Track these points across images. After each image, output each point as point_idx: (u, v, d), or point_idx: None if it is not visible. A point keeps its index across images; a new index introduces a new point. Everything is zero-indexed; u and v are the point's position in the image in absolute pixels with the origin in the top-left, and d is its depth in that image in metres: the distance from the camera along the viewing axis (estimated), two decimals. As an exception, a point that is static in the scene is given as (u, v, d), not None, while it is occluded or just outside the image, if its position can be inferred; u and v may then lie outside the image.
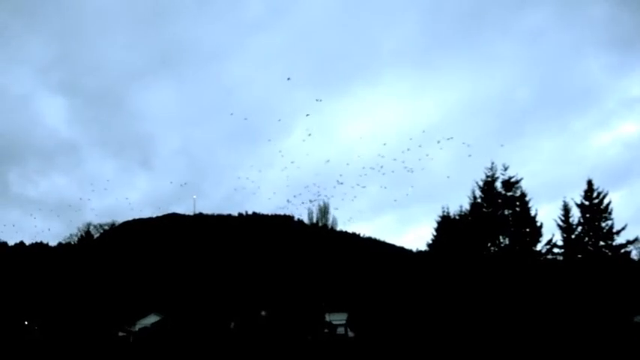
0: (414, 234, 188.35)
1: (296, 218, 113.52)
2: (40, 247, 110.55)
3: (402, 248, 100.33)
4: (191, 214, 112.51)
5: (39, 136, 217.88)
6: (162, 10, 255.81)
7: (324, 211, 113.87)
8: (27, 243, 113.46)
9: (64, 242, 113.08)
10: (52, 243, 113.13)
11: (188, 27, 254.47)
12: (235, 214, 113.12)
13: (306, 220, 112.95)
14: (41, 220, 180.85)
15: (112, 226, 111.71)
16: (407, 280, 52.57)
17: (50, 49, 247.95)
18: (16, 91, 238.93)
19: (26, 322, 71.77)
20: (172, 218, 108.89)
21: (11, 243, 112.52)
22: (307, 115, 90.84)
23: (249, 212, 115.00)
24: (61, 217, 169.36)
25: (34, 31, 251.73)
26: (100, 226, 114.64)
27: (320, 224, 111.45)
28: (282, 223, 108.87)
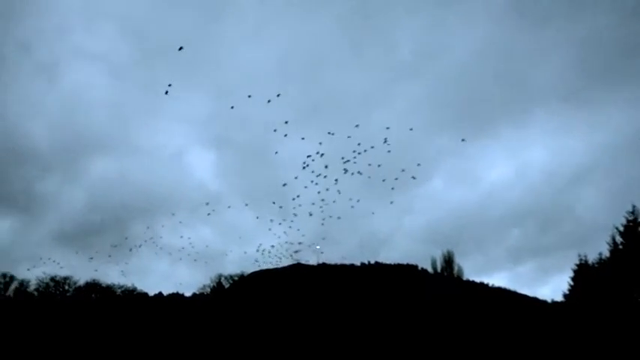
0: (554, 283, 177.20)
1: (420, 267, 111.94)
2: (176, 298, 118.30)
3: (535, 299, 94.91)
4: (315, 263, 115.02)
5: (189, 188, 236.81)
6: (316, 61, 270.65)
7: (448, 259, 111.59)
8: (165, 293, 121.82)
9: (197, 292, 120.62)
10: (188, 293, 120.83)
11: (339, 76, 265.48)
12: (358, 263, 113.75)
13: (430, 269, 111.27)
14: (185, 269, 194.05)
15: (241, 276, 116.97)
16: (540, 332, 49.90)
17: (205, 105, 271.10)
18: (173, 147, 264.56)
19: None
20: (297, 268, 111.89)
21: (151, 293, 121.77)
22: (463, 139, 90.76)
23: (372, 262, 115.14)
24: (204, 267, 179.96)
25: (192, 89, 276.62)
26: (231, 276, 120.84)
27: (445, 273, 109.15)
28: (406, 272, 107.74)
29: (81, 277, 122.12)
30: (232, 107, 65.96)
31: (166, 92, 53.32)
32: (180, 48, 66.95)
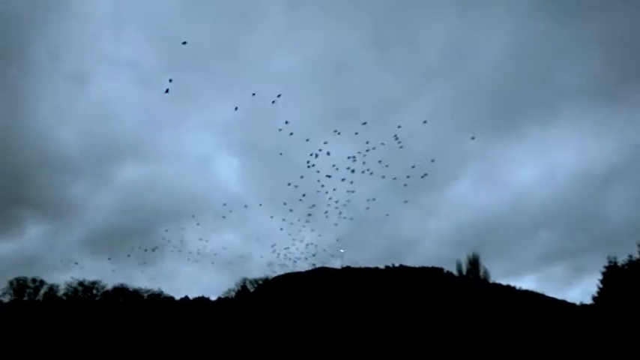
0: (584, 286, 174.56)
1: (445, 270, 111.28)
2: (201, 302, 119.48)
3: (563, 302, 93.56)
4: (339, 267, 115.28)
5: (214, 193, 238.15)
6: (342, 65, 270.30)
7: (474, 262, 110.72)
8: (191, 297, 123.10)
9: (222, 296, 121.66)
10: (213, 297, 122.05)
11: (365, 79, 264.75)
12: (383, 266, 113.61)
13: (455, 273, 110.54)
14: (212, 274, 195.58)
15: (266, 280, 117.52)
16: (568, 335, 49.27)
17: (231, 111, 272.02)
18: (199, 152, 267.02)
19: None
20: (322, 272, 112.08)
21: (177, 297, 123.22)
22: (472, 137, 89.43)
23: (397, 265, 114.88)
24: (229, 272, 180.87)
25: (219, 95, 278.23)
26: (255, 280, 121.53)
27: (471, 276, 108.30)
28: (431, 275, 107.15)
29: (109, 281, 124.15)
30: (236, 109, 66.67)
31: (167, 90, 53.95)
32: (184, 42, 67.83)
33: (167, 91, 54.47)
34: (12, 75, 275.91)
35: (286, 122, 59.81)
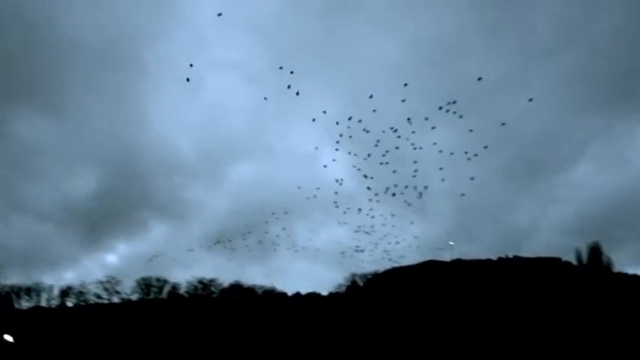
0: None
1: (564, 260, 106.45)
2: (313, 297, 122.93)
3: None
4: (448, 259, 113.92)
5: (322, 188, 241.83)
6: (449, 49, 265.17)
7: (595, 250, 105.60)
8: (303, 293, 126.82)
9: (333, 292, 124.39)
10: (324, 292, 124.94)
11: (473, 61, 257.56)
12: (495, 258, 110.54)
13: (574, 262, 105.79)
14: (323, 269, 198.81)
15: (375, 274, 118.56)
16: None
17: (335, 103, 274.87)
18: (305, 148, 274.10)
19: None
20: (430, 265, 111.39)
21: (290, 293, 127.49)
22: (479, 78, 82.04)
23: (511, 256, 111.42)
24: (339, 267, 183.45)
25: (326, 89, 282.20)
26: (364, 275, 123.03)
27: (591, 265, 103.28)
28: (547, 265, 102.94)
29: (225, 279, 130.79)
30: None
31: (187, 79, 55.39)
32: (219, 14, 67.74)
33: (188, 79, 55.91)
34: (131, 84, 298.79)
35: (324, 112, 59.15)
